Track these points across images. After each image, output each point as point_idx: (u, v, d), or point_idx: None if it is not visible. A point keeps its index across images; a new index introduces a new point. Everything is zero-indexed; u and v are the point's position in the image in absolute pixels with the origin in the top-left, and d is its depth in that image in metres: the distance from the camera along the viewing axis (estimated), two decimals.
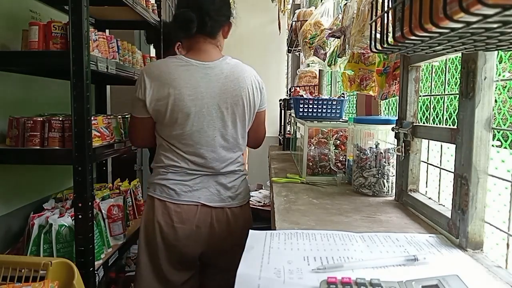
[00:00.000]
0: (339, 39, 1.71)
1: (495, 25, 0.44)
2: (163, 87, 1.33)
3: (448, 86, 1.07)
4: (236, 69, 1.41)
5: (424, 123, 1.16)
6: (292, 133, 2.31)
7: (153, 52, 2.58)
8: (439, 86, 1.16)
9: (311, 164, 1.55)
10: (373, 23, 0.73)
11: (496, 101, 0.82)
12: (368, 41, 0.81)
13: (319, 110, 1.77)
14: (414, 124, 1.11)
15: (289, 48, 3.23)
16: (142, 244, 1.43)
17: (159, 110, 1.35)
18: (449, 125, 1.04)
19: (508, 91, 0.87)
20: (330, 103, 1.77)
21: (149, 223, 1.40)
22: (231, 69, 1.40)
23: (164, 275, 1.42)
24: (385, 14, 0.65)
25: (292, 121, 2.25)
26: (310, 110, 1.78)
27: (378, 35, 0.69)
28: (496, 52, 0.77)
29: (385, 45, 0.66)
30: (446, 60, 1.05)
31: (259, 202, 2.86)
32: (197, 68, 1.36)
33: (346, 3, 1.56)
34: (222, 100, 1.36)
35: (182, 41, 1.57)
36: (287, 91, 3.81)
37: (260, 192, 3.14)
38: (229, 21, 1.46)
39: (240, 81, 1.39)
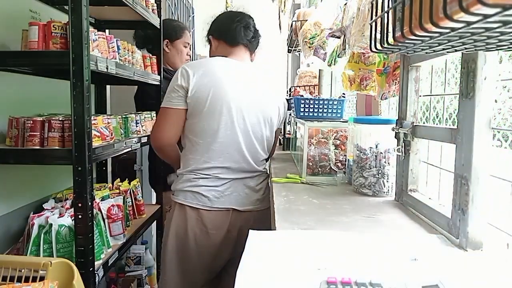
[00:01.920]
0: (339, 39, 1.71)
1: (495, 25, 0.44)
2: (205, 75, 1.38)
3: (448, 86, 1.07)
4: (272, 83, 1.58)
5: (424, 123, 1.16)
6: (292, 133, 2.31)
7: None
8: (439, 86, 1.16)
9: (311, 164, 1.55)
10: (373, 23, 0.73)
11: (496, 101, 0.82)
12: (368, 41, 0.81)
13: (320, 110, 1.77)
14: (414, 124, 1.11)
15: (289, 48, 3.22)
16: (171, 251, 1.43)
17: (199, 98, 1.36)
18: (449, 125, 1.04)
19: (508, 91, 0.87)
20: (330, 103, 1.77)
21: (181, 230, 1.40)
22: (269, 80, 1.55)
23: (192, 281, 1.43)
24: (385, 14, 0.65)
25: (292, 121, 2.24)
26: (311, 110, 1.78)
27: (378, 35, 0.69)
28: (496, 52, 0.77)
29: (385, 45, 0.66)
30: (446, 60, 1.05)
31: None
32: (237, 65, 1.47)
33: (346, 3, 1.56)
34: (259, 99, 1.44)
35: (219, 45, 1.61)
36: (287, 91, 3.81)
37: None
38: (254, 49, 1.62)
39: (276, 91, 1.56)
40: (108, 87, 2.51)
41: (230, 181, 1.41)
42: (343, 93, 1.85)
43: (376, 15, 0.72)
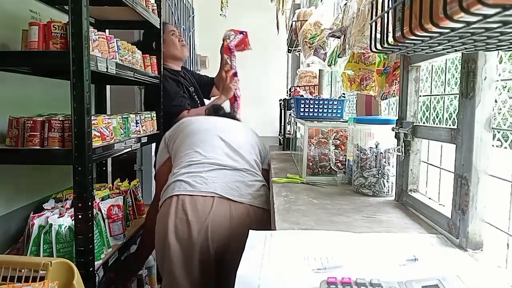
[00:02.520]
0: (339, 39, 1.70)
1: (495, 25, 0.44)
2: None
3: (448, 86, 1.07)
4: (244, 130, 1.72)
5: (424, 123, 1.16)
6: (292, 133, 2.31)
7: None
8: (439, 86, 1.16)
9: (311, 164, 1.55)
10: (373, 23, 0.73)
11: (496, 101, 0.82)
12: (368, 41, 0.81)
13: (320, 110, 1.77)
14: (414, 124, 1.11)
15: (289, 48, 3.22)
16: (156, 252, 1.42)
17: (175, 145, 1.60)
18: (449, 125, 1.04)
19: (508, 91, 0.87)
20: (330, 103, 1.77)
21: (163, 228, 1.35)
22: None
23: (191, 273, 1.35)
24: (385, 14, 0.65)
25: (292, 121, 2.24)
26: (311, 110, 1.78)
27: (378, 35, 0.69)
28: (496, 52, 0.77)
29: (385, 45, 0.66)
30: (446, 60, 1.05)
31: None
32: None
33: (346, 3, 1.56)
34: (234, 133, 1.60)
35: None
36: (287, 91, 3.81)
37: None
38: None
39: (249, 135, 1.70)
40: (108, 87, 2.51)
41: (215, 169, 1.35)
42: (343, 93, 1.85)
43: (376, 15, 0.72)
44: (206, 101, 2.61)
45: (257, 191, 1.41)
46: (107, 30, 2.31)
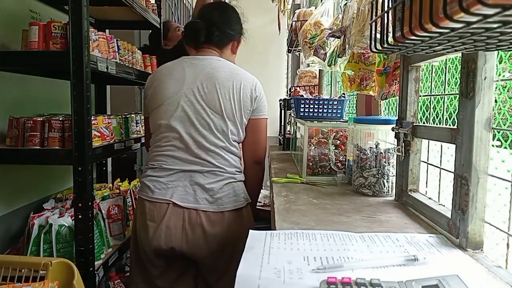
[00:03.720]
0: (339, 39, 1.71)
1: (495, 25, 0.44)
2: (153, 78, 1.47)
3: (448, 86, 1.07)
4: (227, 66, 1.42)
5: (424, 123, 1.16)
6: (292, 133, 2.31)
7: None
8: (439, 86, 1.16)
9: (311, 164, 1.55)
10: (373, 23, 0.73)
11: (496, 101, 0.82)
12: (368, 41, 0.81)
13: (320, 110, 1.77)
14: (414, 124, 1.11)
15: (289, 48, 3.23)
16: (131, 241, 1.48)
17: (148, 99, 1.45)
18: (449, 125, 1.04)
19: (508, 91, 0.87)
20: (331, 103, 1.77)
21: (134, 220, 1.45)
22: (221, 64, 1.42)
23: (148, 273, 1.41)
24: (385, 14, 0.65)
25: (292, 121, 2.25)
26: (311, 110, 1.78)
27: (378, 35, 0.69)
28: (496, 52, 0.77)
29: (385, 45, 0.66)
30: (446, 60, 1.05)
31: (259, 202, 2.85)
32: (186, 60, 1.45)
33: (346, 3, 1.56)
34: (201, 86, 1.36)
35: (190, 51, 1.60)
36: (287, 91, 3.81)
37: (260, 192, 3.13)
38: (238, 37, 1.54)
39: (227, 74, 1.38)
40: (108, 87, 2.51)
41: (176, 172, 1.35)
42: (343, 93, 1.85)
43: (376, 15, 0.72)
44: None
45: (215, 194, 1.34)
46: (107, 30, 2.31)
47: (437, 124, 1.11)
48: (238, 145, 1.44)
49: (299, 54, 3.58)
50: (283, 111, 2.68)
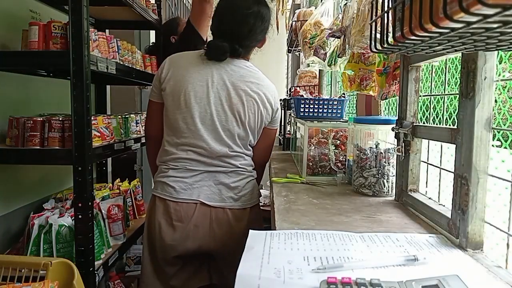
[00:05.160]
0: (339, 39, 1.71)
1: (495, 25, 0.44)
2: (178, 70, 1.38)
3: (448, 86, 1.07)
4: (255, 74, 1.42)
5: (424, 123, 1.16)
6: (292, 133, 2.31)
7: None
8: (439, 86, 1.16)
9: (311, 164, 1.55)
10: (373, 23, 0.73)
11: (496, 101, 0.82)
12: (368, 41, 0.81)
13: (320, 110, 1.77)
14: (414, 124, 1.11)
15: (289, 48, 3.23)
16: (144, 243, 1.44)
17: (167, 92, 1.38)
18: (449, 125, 1.04)
19: (508, 91, 0.87)
20: (330, 103, 1.77)
21: (151, 221, 1.40)
22: (248, 73, 1.41)
23: (164, 274, 1.41)
24: (385, 14, 0.65)
25: (292, 121, 2.25)
26: (311, 110, 1.78)
27: (378, 35, 0.69)
28: (496, 52, 0.77)
29: (385, 45, 0.66)
30: (446, 60, 1.05)
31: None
32: (214, 62, 1.39)
33: (346, 3, 1.56)
34: (228, 94, 1.36)
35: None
36: (287, 91, 3.81)
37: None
38: (262, 39, 1.49)
39: (254, 84, 1.39)
40: (108, 87, 2.51)
41: (200, 173, 1.37)
42: (343, 93, 1.85)
43: (376, 15, 0.72)
44: None
45: (240, 192, 1.40)
46: (107, 30, 2.31)
47: (437, 124, 1.11)
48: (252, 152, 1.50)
49: (299, 54, 3.58)
50: (283, 111, 2.68)
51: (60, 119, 1.46)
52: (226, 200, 1.38)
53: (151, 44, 2.84)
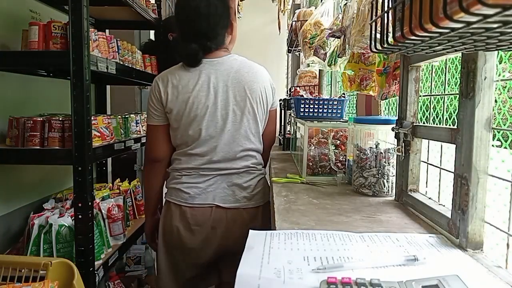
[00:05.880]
0: (339, 39, 1.71)
1: (495, 25, 0.44)
2: (175, 87, 1.36)
3: (448, 86, 1.07)
4: (246, 64, 1.42)
5: (424, 123, 1.16)
6: (292, 133, 2.31)
7: None
8: (439, 86, 1.16)
9: (311, 164, 1.55)
10: (373, 23, 0.73)
11: (496, 101, 0.82)
12: (368, 41, 0.81)
13: (320, 110, 1.77)
14: (414, 124, 1.11)
15: (289, 48, 3.23)
16: (161, 247, 1.44)
17: (174, 112, 1.36)
18: (449, 125, 1.04)
19: (508, 91, 0.87)
20: (330, 103, 1.77)
21: (167, 227, 1.41)
22: (240, 64, 1.41)
23: (182, 276, 1.43)
24: (385, 14, 0.65)
25: (292, 121, 2.25)
26: (311, 110, 1.78)
27: (378, 35, 0.69)
28: (496, 52, 0.77)
29: (385, 45, 0.66)
30: (446, 60, 1.05)
31: None
32: (205, 65, 1.38)
33: (346, 3, 1.56)
34: (233, 94, 1.36)
35: None
36: (287, 91, 3.81)
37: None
38: (229, 25, 1.43)
39: (251, 75, 1.40)
40: (108, 87, 2.51)
41: (213, 177, 1.38)
42: (343, 93, 1.85)
43: (376, 15, 0.72)
44: None
45: (253, 191, 1.42)
46: (107, 30, 2.31)
47: (437, 124, 1.11)
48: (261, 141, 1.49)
49: (299, 54, 3.58)
50: (283, 111, 2.68)
51: (60, 119, 1.46)
52: (240, 200, 1.39)
53: (147, 41, 2.81)
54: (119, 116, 1.82)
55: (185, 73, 1.37)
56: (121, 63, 1.80)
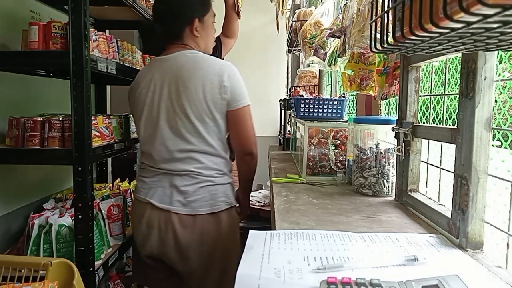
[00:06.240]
0: (339, 39, 1.71)
1: (495, 25, 0.44)
2: (132, 87, 1.47)
3: (448, 86, 1.07)
4: (193, 60, 1.33)
5: (424, 123, 1.16)
6: (292, 133, 2.31)
7: None
8: (439, 86, 1.16)
9: (311, 164, 1.55)
10: (373, 23, 0.73)
11: (496, 101, 0.82)
12: (368, 41, 0.81)
13: (320, 110, 1.77)
14: (414, 124, 1.11)
15: (289, 48, 3.22)
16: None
17: (130, 110, 1.50)
18: (449, 125, 1.04)
19: (508, 91, 0.87)
20: (330, 103, 1.77)
21: None
22: (187, 60, 1.34)
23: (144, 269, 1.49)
24: (385, 14, 0.65)
25: (292, 121, 2.25)
26: (311, 110, 1.78)
27: (378, 35, 0.69)
28: (496, 52, 0.77)
29: (385, 45, 0.66)
30: (446, 60, 1.05)
31: (259, 202, 2.85)
32: (156, 63, 1.41)
33: (346, 3, 1.56)
34: (168, 91, 1.32)
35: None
36: (287, 91, 3.81)
37: (260, 192, 3.13)
38: (192, 19, 1.38)
39: (190, 72, 1.31)
40: (108, 87, 2.51)
41: (157, 174, 1.36)
42: (343, 93, 1.85)
43: (376, 15, 0.72)
44: None
45: (189, 197, 1.31)
46: (107, 30, 2.31)
47: (437, 124, 1.11)
48: (220, 144, 1.36)
49: (299, 54, 3.58)
50: (283, 111, 2.68)
51: (60, 119, 1.46)
52: (174, 203, 1.32)
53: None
54: (119, 116, 1.82)
55: (142, 72, 1.45)
56: (121, 63, 1.80)
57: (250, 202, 2.04)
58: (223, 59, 2.08)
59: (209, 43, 1.48)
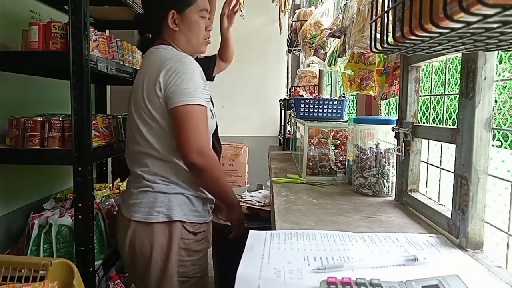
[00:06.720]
0: (339, 39, 1.71)
1: (495, 25, 0.44)
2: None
3: (448, 86, 1.07)
4: (154, 55, 1.25)
5: (424, 123, 1.16)
6: (292, 133, 2.31)
7: None
8: (439, 86, 1.16)
9: (311, 164, 1.55)
10: (373, 23, 0.73)
11: (496, 101, 0.82)
12: (368, 41, 0.81)
13: (320, 110, 1.77)
14: (414, 124, 1.11)
15: (289, 48, 3.22)
16: None
17: None
18: (449, 125, 1.04)
19: (508, 91, 0.87)
20: (330, 103, 1.77)
21: None
22: (152, 55, 1.27)
23: None
24: (385, 14, 0.65)
25: (292, 121, 2.25)
26: (311, 110, 1.78)
27: (378, 35, 0.69)
28: (496, 52, 0.77)
29: (385, 45, 0.66)
30: (446, 60, 1.05)
31: (259, 202, 2.85)
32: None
33: (346, 3, 1.56)
34: (133, 89, 1.29)
35: None
36: (287, 91, 3.81)
37: (260, 192, 3.13)
38: (166, 11, 1.26)
39: (144, 67, 1.25)
40: (108, 87, 2.51)
41: (130, 175, 1.32)
42: (343, 93, 1.85)
43: (376, 15, 0.72)
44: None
45: (131, 199, 1.24)
46: (107, 30, 2.31)
47: (437, 124, 1.11)
48: (168, 148, 1.21)
49: (299, 54, 3.58)
50: (283, 111, 2.68)
51: (60, 119, 1.46)
52: (123, 203, 1.32)
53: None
54: (119, 116, 1.82)
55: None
56: (121, 63, 1.80)
57: (250, 202, 2.04)
58: (214, 77, 2.06)
59: (192, 39, 1.32)
